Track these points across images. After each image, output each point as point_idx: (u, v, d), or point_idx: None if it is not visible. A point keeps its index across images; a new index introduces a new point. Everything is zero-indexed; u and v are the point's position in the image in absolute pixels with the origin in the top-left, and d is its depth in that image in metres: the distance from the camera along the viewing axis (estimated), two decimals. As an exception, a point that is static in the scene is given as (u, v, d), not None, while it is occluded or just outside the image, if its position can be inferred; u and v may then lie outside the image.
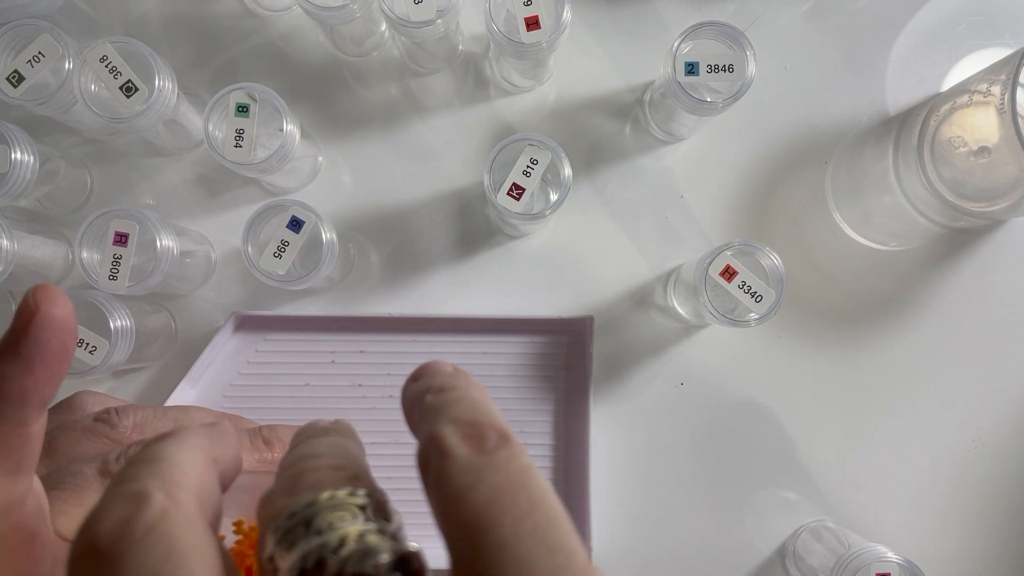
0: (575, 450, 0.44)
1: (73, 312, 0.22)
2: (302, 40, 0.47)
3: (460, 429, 0.18)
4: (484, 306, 0.46)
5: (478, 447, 0.18)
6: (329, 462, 0.20)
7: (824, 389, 0.46)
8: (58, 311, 0.21)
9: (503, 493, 0.17)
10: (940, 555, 0.45)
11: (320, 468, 0.19)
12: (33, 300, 0.21)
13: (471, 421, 0.18)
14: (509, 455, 0.18)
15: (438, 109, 0.47)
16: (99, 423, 0.32)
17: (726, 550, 0.45)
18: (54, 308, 0.21)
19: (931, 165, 0.44)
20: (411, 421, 0.21)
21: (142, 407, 0.33)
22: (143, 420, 0.32)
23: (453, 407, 0.19)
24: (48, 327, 0.21)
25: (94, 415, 0.32)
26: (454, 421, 0.18)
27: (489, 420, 0.19)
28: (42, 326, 0.21)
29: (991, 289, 0.46)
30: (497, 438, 0.18)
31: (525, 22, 0.38)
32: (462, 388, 0.20)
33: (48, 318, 0.21)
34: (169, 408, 0.34)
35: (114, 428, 0.31)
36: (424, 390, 0.20)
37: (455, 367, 0.22)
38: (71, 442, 0.31)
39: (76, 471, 0.28)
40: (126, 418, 0.32)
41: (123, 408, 0.32)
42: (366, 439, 0.48)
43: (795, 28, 0.47)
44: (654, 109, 0.46)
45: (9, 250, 0.38)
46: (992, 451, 0.46)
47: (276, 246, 0.38)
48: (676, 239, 0.47)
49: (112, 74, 0.38)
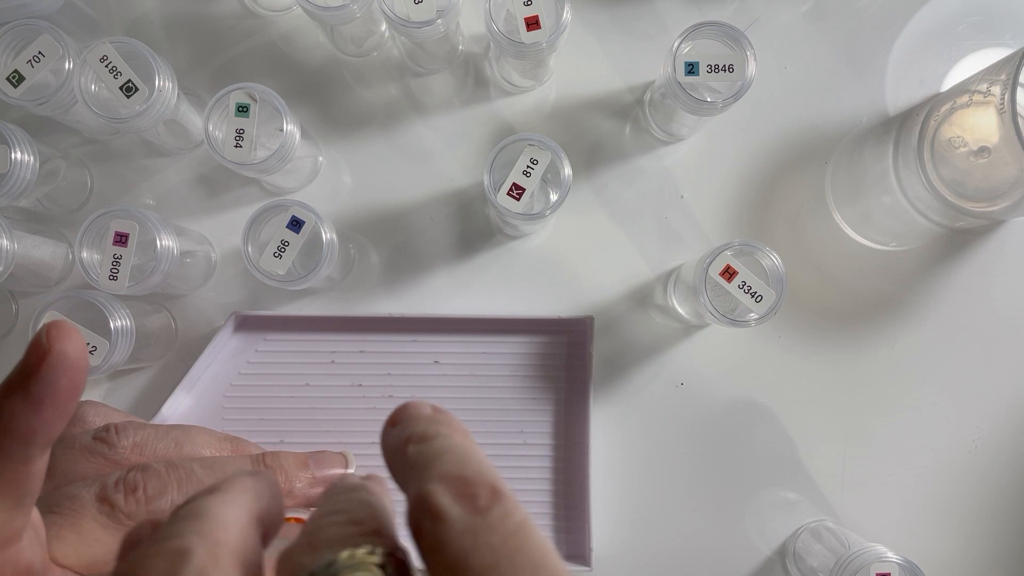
0: (575, 450, 0.44)
1: (86, 350, 0.21)
2: (302, 40, 0.47)
3: (450, 487, 0.18)
4: (484, 306, 0.46)
5: (471, 506, 0.17)
6: (350, 517, 0.19)
7: (824, 389, 0.46)
8: (70, 349, 0.21)
9: (503, 557, 0.16)
10: (940, 555, 0.45)
11: (339, 524, 0.19)
12: (46, 338, 0.21)
13: (460, 477, 0.18)
14: (503, 512, 0.17)
15: (438, 109, 0.47)
16: (98, 442, 0.31)
17: (726, 550, 0.45)
18: (67, 346, 0.21)
19: (931, 165, 0.44)
20: (394, 472, 0.20)
21: (143, 425, 0.33)
22: (143, 440, 0.32)
23: (439, 461, 0.18)
24: (59, 366, 0.21)
25: (93, 432, 0.32)
26: (443, 478, 0.18)
27: (479, 474, 0.18)
28: (53, 365, 0.20)
29: (991, 289, 0.46)
30: (489, 494, 0.17)
31: (525, 22, 0.38)
32: (445, 435, 0.19)
33: (60, 356, 0.21)
34: (171, 428, 0.34)
35: (113, 448, 0.31)
36: (405, 438, 0.20)
37: (434, 408, 0.21)
38: (69, 461, 0.30)
39: (74, 495, 0.28)
40: (125, 438, 0.31)
41: (123, 426, 0.32)
42: (366, 439, 0.49)
43: (795, 28, 0.47)
44: (654, 109, 0.46)
45: (9, 250, 0.38)
46: (992, 451, 0.46)
47: (276, 246, 0.38)
48: (676, 239, 0.47)
49: (112, 74, 0.38)
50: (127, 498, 0.28)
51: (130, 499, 0.28)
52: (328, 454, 0.37)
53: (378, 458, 0.21)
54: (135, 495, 0.28)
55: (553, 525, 0.44)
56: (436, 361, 0.45)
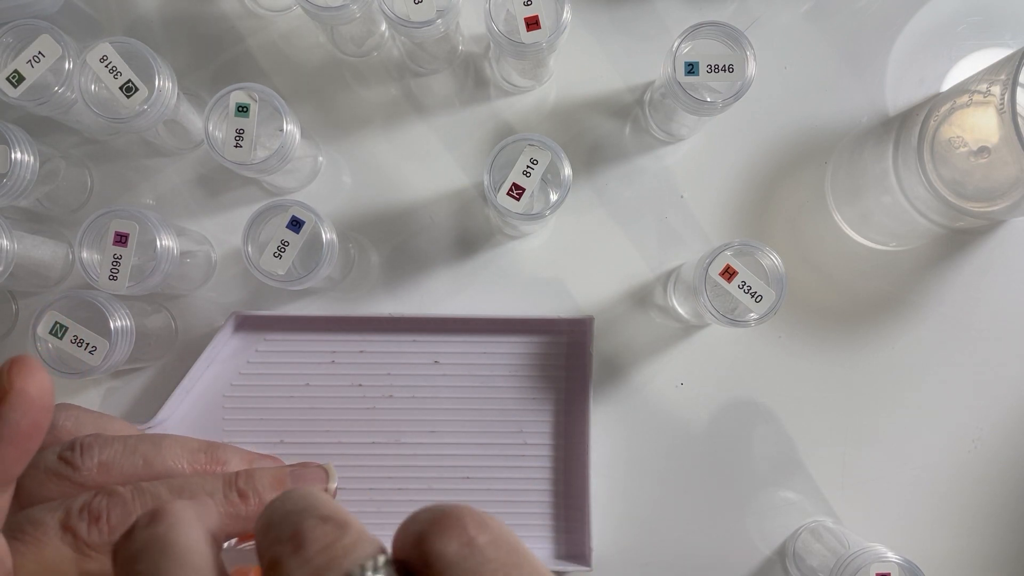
0: (575, 450, 0.44)
1: (51, 387, 0.20)
2: (302, 40, 0.47)
3: (438, 527, 0.18)
4: (484, 306, 0.46)
5: (464, 539, 0.17)
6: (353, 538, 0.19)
7: (824, 389, 0.46)
8: (32, 388, 0.20)
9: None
10: (940, 555, 0.45)
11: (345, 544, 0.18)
12: (7, 375, 0.20)
13: (443, 515, 0.18)
14: (494, 540, 0.17)
15: (438, 109, 0.47)
16: (63, 464, 0.30)
17: (726, 550, 0.45)
18: (29, 385, 0.20)
19: (931, 165, 0.44)
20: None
21: (110, 441, 0.32)
22: (109, 459, 0.31)
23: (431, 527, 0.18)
24: (19, 407, 0.20)
25: (59, 451, 0.31)
26: (428, 521, 0.18)
27: (464, 512, 0.18)
28: (13, 406, 0.20)
29: (991, 289, 0.46)
30: (475, 524, 0.18)
31: (525, 22, 0.38)
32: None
33: (21, 397, 0.20)
34: (140, 442, 0.32)
35: (77, 471, 0.30)
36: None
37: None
38: (34, 483, 0.30)
39: (37, 521, 0.27)
40: (90, 458, 0.30)
41: (88, 445, 0.31)
42: (366, 439, 0.49)
43: (795, 28, 0.47)
44: (654, 109, 0.46)
45: (9, 250, 0.38)
46: (992, 451, 0.46)
47: (276, 246, 0.38)
48: (676, 239, 0.47)
49: (112, 74, 0.38)
50: (90, 528, 0.27)
51: (93, 529, 0.27)
52: (308, 468, 0.35)
53: (378, 457, 0.21)
54: (98, 525, 0.27)
55: (553, 525, 0.44)
56: (436, 361, 0.45)
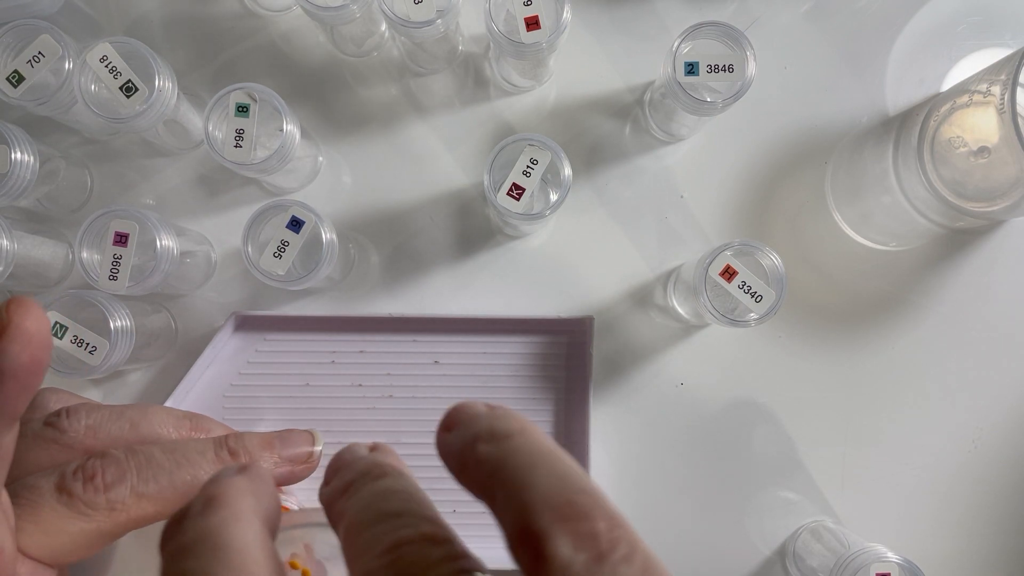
0: (575, 450, 0.44)
1: (48, 327, 0.21)
2: (302, 40, 0.47)
3: (566, 527, 0.16)
4: (484, 306, 0.46)
5: (594, 551, 0.16)
6: (419, 532, 0.18)
7: (824, 389, 0.46)
8: (30, 324, 0.21)
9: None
10: (939, 555, 0.45)
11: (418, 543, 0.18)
12: (6, 312, 0.21)
13: (569, 504, 0.16)
14: (628, 554, 0.16)
15: (438, 109, 0.47)
16: (48, 427, 0.30)
17: (726, 550, 0.45)
18: (26, 321, 0.21)
19: (931, 165, 0.44)
20: (466, 479, 0.19)
21: (97, 407, 0.32)
22: (96, 423, 0.31)
23: (533, 476, 0.17)
24: (19, 340, 0.20)
25: (44, 418, 0.31)
26: (551, 507, 0.16)
27: (588, 497, 0.17)
28: (12, 339, 0.20)
29: (991, 289, 0.46)
30: (608, 529, 0.16)
31: (525, 22, 0.38)
32: (518, 433, 0.18)
33: (19, 331, 0.20)
34: (126, 408, 0.33)
35: (64, 433, 0.30)
36: (472, 439, 0.18)
37: (488, 404, 0.20)
38: (22, 449, 0.30)
39: (32, 485, 0.28)
40: (77, 421, 0.31)
41: (75, 409, 0.31)
42: (366, 439, 0.48)
43: (795, 28, 0.47)
44: (654, 109, 0.46)
45: (9, 250, 0.38)
46: (992, 451, 0.46)
47: (276, 246, 0.38)
48: (676, 239, 0.47)
49: (112, 74, 0.38)
50: (85, 486, 0.28)
51: (88, 487, 0.28)
52: (294, 432, 0.36)
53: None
54: (93, 483, 0.28)
55: (553, 525, 0.44)
56: (436, 361, 0.45)
